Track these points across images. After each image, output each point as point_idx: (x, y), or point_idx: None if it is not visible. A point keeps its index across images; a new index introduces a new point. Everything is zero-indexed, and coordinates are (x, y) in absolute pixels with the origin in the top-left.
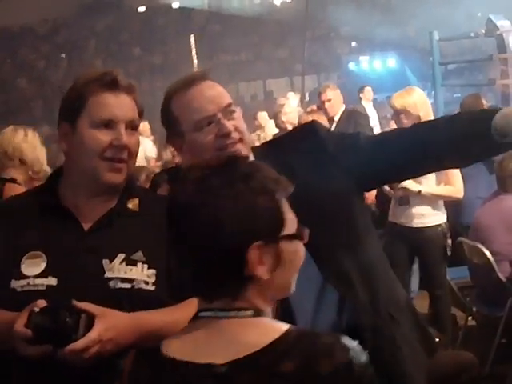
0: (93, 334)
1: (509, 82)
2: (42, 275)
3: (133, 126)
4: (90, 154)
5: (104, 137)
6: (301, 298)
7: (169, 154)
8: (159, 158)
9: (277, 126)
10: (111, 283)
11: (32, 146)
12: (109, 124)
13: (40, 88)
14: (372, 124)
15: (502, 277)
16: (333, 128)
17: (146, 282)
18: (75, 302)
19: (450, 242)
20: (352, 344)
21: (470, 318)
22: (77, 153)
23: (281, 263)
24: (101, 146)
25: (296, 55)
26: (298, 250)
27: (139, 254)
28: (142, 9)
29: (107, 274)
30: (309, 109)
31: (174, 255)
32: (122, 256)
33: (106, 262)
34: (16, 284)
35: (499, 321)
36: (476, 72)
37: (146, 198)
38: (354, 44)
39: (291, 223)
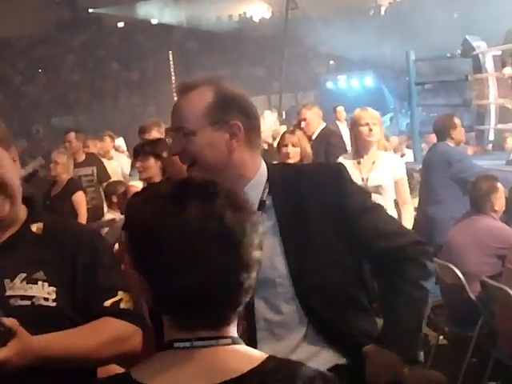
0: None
1: (484, 102)
2: None
3: None
4: None
5: None
6: None
7: None
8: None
9: None
10: (11, 301)
11: None
12: None
13: (16, 103)
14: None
15: (472, 296)
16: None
17: (46, 299)
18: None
19: None
20: (334, 380)
21: (441, 337)
22: None
23: None
24: None
25: (274, 73)
26: None
27: (40, 274)
28: (120, 24)
29: (8, 293)
30: (291, 127)
31: None
32: (22, 275)
33: (7, 281)
34: None
35: (470, 340)
36: (453, 91)
37: (51, 222)
38: (331, 63)
39: None
